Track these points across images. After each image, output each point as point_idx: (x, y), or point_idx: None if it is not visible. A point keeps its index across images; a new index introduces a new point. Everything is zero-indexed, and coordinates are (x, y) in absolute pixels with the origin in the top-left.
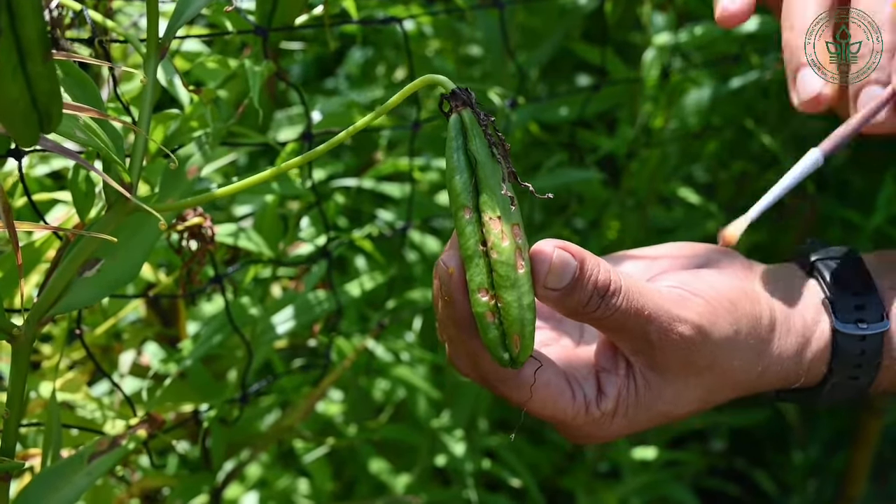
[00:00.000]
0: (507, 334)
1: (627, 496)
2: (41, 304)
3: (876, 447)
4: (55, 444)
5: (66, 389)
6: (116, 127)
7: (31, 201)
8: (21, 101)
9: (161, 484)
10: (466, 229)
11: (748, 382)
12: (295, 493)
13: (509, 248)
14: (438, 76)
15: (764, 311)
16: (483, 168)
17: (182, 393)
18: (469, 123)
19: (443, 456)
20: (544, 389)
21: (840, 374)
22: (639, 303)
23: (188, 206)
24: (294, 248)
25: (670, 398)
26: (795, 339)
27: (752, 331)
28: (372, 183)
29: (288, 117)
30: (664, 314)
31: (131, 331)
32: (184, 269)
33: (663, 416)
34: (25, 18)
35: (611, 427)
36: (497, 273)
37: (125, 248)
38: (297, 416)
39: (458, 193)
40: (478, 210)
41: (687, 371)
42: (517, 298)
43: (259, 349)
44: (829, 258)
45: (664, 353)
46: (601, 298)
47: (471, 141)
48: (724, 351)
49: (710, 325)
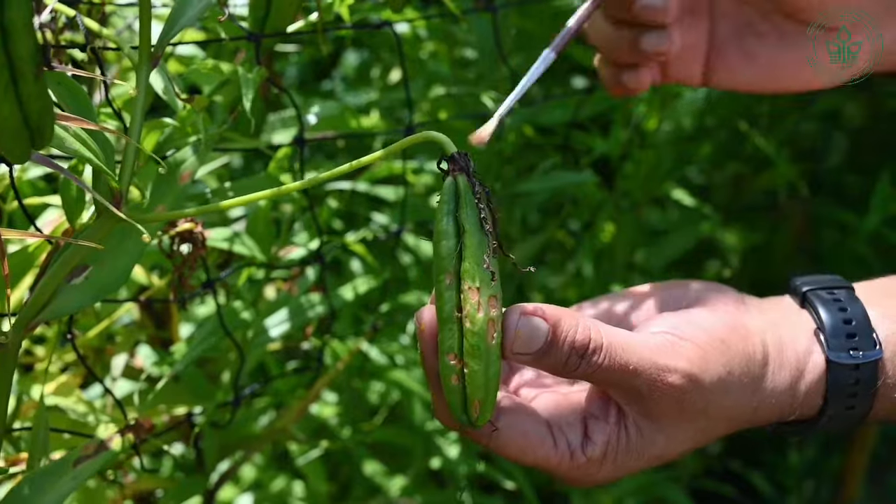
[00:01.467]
0: (468, 399)
1: (622, 498)
2: (28, 310)
3: (872, 448)
4: (42, 448)
5: (59, 393)
6: (108, 135)
7: (23, 206)
8: (12, 119)
9: (154, 486)
10: (445, 294)
11: (742, 419)
12: (289, 496)
13: (483, 319)
14: (440, 136)
15: (757, 348)
16: (470, 237)
17: (175, 395)
18: (463, 191)
19: (437, 458)
20: (522, 439)
21: (836, 405)
22: (622, 358)
23: (180, 217)
24: (287, 252)
25: (662, 443)
26: (789, 372)
27: (745, 369)
28: (366, 186)
29: (281, 120)
30: (651, 366)
31: (124, 333)
32: (175, 273)
33: (655, 459)
34: (18, 37)
35: (598, 473)
36: (468, 341)
37: (113, 256)
38: (291, 419)
39: (442, 258)
40: (459, 277)
41: (681, 417)
42: (484, 368)
43: (252, 352)
44: (819, 288)
45: (656, 403)
46: (580, 358)
47: (462, 208)
48: (717, 393)
49: (700, 370)
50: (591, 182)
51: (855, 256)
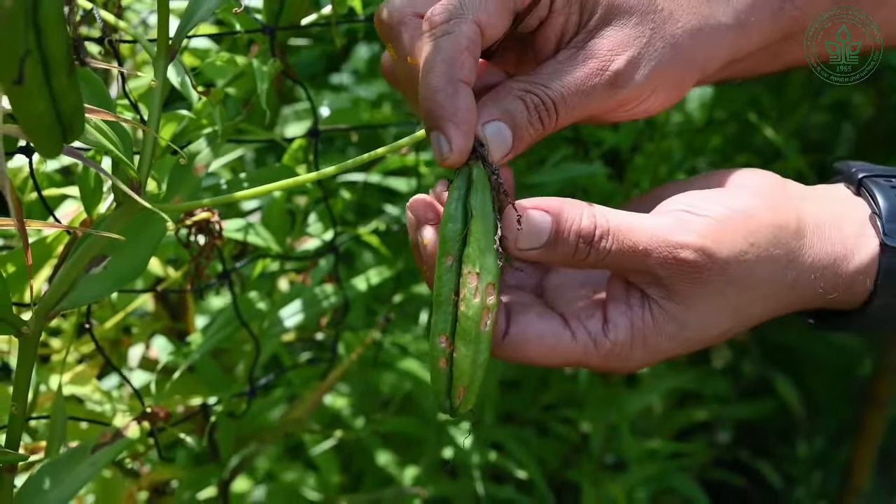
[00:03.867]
0: (454, 385)
1: (633, 487)
2: (48, 299)
3: (881, 439)
4: (60, 436)
5: (76, 383)
6: (126, 126)
7: (42, 198)
8: (46, 115)
9: (170, 477)
10: (444, 276)
11: (780, 296)
12: (303, 486)
13: (479, 304)
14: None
15: (789, 219)
16: (476, 223)
17: (191, 386)
18: (476, 179)
19: (450, 448)
20: (537, 340)
21: (886, 292)
22: (630, 240)
23: (198, 207)
24: (301, 243)
25: (696, 324)
26: (832, 248)
27: (774, 240)
28: (379, 178)
29: (295, 112)
30: (661, 244)
31: (140, 324)
32: (192, 263)
33: (694, 343)
34: (52, 36)
35: (630, 357)
36: (461, 325)
37: (131, 246)
38: (305, 409)
39: (445, 240)
40: (460, 260)
41: (706, 294)
42: (473, 354)
43: (267, 343)
44: (877, 175)
45: (674, 283)
46: (589, 245)
47: (472, 195)
48: (742, 266)
49: (714, 243)
50: (602, 174)
51: None
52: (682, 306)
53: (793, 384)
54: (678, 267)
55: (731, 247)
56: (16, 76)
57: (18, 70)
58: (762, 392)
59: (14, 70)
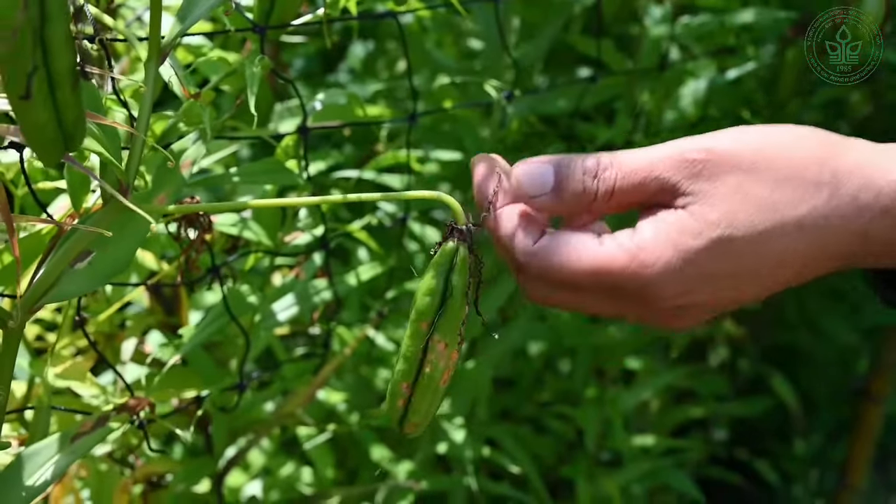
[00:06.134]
0: (407, 419)
1: (628, 484)
2: (33, 293)
3: (877, 436)
4: (44, 425)
5: (69, 376)
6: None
7: (32, 191)
8: (49, 127)
9: (164, 469)
10: (416, 337)
11: (810, 198)
12: (298, 482)
13: (442, 368)
14: (454, 203)
15: (818, 133)
16: (453, 301)
17: (184, 380)
18: (460, 261)
19: (443, 443)
20: (563, 248)
21: None
22: (634, 162)
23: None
24: (293, 238)
25: (721, 220)
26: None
27: (795, 141)
28: (372, 174)
29: (288, 109)
30: (665, 155)
31: (134, 319)
32: (182, 256)
33: (723, 246)
34: (58, 53)
35: (660, 259)
36: (422, 380)
37: (116, 241)
38: (299, 403)
39: (423, 311)
40: (432, 327)
41: (724, 190)
42: (429, 403)
43: (259, 336)
44: None
45: (689, 185)
46: (594, 178)
47: (454, 274)
48: (758, 155)
49: (719, 141)
50: None
51: None
52: (703, 204)
53: (789, 382)
54: (688, 167)
55: (737, 140)
56: (23, 92)
57: (26, 86)
58: (759, 390)
59: (22, 86)
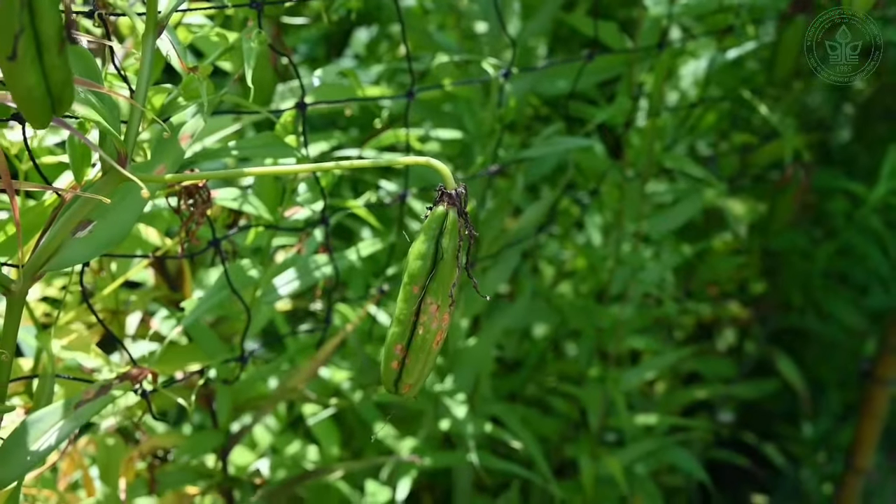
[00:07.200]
0: (402, 380)
1: (632, 463)
2: (35, 261)
3: (884, 419)
4: (48, 392)
5: (75, 347)
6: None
7: (35, 163)
8: (37, 89)
9: (169, 444)
10: (409, 300)
11: None
12: (304, 459)
13: (435, 330)
14: (443, 168)
15: None
16: (444, 265)
17: (188, 354)
18: (450, 225)
19: (447, 420)
20: None
21: None
22: None
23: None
24: (293, 213)
25: None
26: None
27: None
28: (373, 153)
29: (290, 89)
30: None
31: (139, 295)
32: (183, 228)
33: None
34: (44, 16)
35: None
36: (415, 342)
37: (116, 211)
38: (302, 378)
39: (415, 274)
40: (424, 290)
41: None
42: (423, 365)
43: (261, 310)
44: None
45: None
46: None
47: (445, 237)
48: None
49: None
50: (596, 150)
51: (863, 226)
52: None
53: (796, 365)
54: None
55: None
56: (10, 52)
57: (13, 46)
58: (766, 373)
59: (8, 46)
